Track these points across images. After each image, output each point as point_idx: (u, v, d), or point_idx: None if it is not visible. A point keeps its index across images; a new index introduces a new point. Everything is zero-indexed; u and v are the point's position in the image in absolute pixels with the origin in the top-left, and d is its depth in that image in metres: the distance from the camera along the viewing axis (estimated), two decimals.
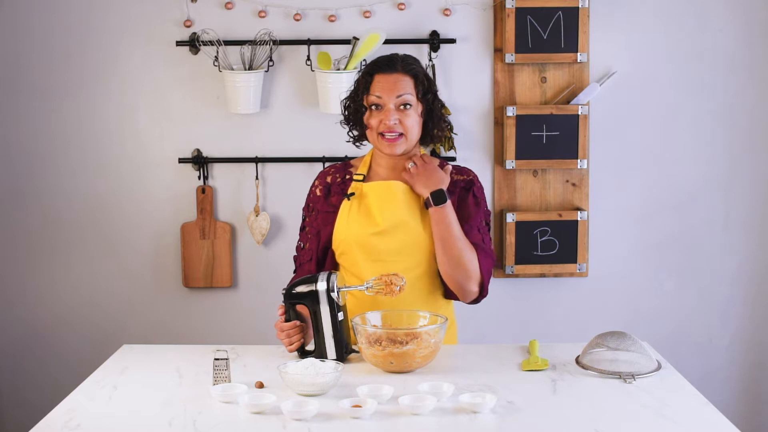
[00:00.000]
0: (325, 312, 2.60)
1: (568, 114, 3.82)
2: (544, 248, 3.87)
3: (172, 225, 3.91)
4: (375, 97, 2.74)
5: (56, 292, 3.94)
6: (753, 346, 4.03)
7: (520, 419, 2.23)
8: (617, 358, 2.56)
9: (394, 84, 2.73)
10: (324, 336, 2.61)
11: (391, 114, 2.72)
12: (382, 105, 2.74)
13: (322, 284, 2.60)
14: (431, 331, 2.53)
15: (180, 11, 3.83)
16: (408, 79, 2.75)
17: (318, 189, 2.88)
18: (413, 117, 2.75)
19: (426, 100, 2.77)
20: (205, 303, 3.94)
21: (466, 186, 2.83)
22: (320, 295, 2.60)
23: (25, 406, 3.96)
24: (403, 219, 2.76)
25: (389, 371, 2.55)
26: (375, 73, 2.76)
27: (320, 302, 2.60)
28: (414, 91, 2.74)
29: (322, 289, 2.59)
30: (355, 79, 2.85)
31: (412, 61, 2.80)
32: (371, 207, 2.78)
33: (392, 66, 2.76)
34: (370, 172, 2.86)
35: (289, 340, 2.66)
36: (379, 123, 2.74)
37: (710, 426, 2.21)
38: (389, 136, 2.74)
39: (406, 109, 2.74)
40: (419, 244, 2.76)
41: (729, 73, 3.90)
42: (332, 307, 2.60)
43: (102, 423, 2.24)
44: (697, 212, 3.96)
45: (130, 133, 3.88)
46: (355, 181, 2.82)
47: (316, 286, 2.60)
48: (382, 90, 2.73)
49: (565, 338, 3.86)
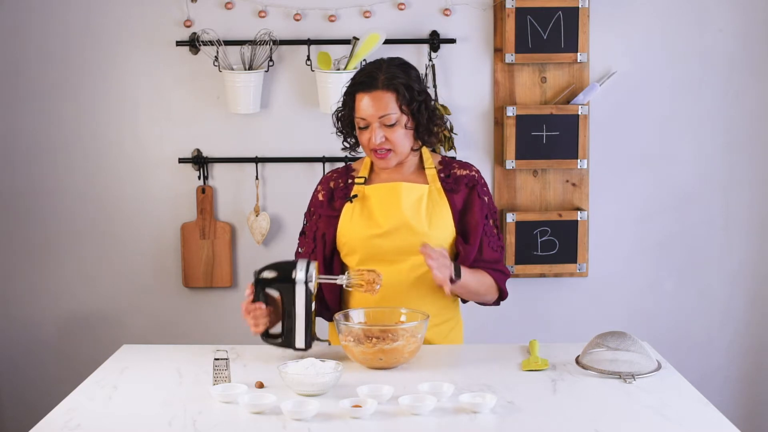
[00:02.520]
0: (300, 301, 2.61)
1: (568, 114, 3.82)
2: (544, 248, 3.87)
3: (172, 225, 3.91)
4: (360, 119, 2.76)
5: (56, 292, 3.94)
6: (753, 346, 4.03)
7: (520, 419, 2.23)
8: (617, 358, 2.55)
9: (376, 103, 2.72)
10: (295, 324, 2.62)
11: (377, 133, 2.73)
12: (367, 125, 2.75)
13: (300, 273, 2.61)
14: (418, 327, 2.57)
15: (180, 11, 3.83)
16: (389, 95, 2.73)
17: (320, 194, 2.89)
18: (399, 131, 2.75)
19: (411, 110, 2.76)
20: (205, 303, 3.94)
21: (469, 183, 2.85)
22: (297, 284, 2.61)
23: (25, 406, 3.96)
24: (406, 220, 2.77)
25: (376, 367, 2.57)
26: (356, 92, 2.76)
27: (296, 291, 2.61)
28: (397, 105, 2.73)
29: (300, 279, 2.60)
30: (342, 92, 2.85)
31: (394, 71, 2.75)
32: (373, 209, 2.79)
33: (372, 84, 2.73)
34: (372, 174, 2.87)
35: (255, 321, 2.66)
36: (368, 141, 2.76)
37: (710, 426, 2.21)
38: (379, 152, 2.76)
39: (392, 126, 2.74)
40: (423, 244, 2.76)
41: (729, 73, 3.90)
42: (307, 297, 2.61)
43: (102, 423, 2.24)
44: (697, 212, 3.96)
45: (130, 133, 3.88)
46: (356, 185, 2.84)
47: (294, 275, 2.61)
48: (365, 111, 2.74)
49: (565, 338, 3.86)
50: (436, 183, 2.83)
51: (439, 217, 2.79)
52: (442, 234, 2.79)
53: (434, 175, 2.84)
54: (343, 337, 2.59)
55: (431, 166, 2.85)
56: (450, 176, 2.85)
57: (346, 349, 2.59)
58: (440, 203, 2.80)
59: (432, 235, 2.77)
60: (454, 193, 2.82)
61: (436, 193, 2.81)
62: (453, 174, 2.85)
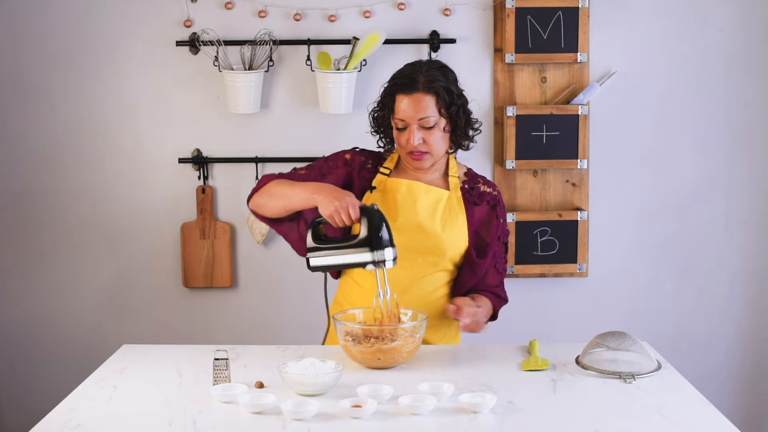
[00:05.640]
0: (355, 257, 2.59)
1: (568, 114, 3.82)
2: (544, 248, 3.87)
3: (172, 225, 3.91)
4: (399, 120, 2.76)
5: (56, 292, 3.94)
6: (753, 345, 4.03)
7: (520, 419, 2.23)
8: (617, 358, 2.55)
9: (416, 105, 2.73)
10: (334, 255, 2.60)
11: (415, 134, 2.74)
12: (406, 126, 2.76)
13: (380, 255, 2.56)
14: (417, 327, 2.57)
15: (180, 11, 3.83)
16: (429, 98, 2.74)
17: (348, 155, 2.87)
18: (437, 134, 2.76)
19: (450, 114, 2.77)
20: (205, 303, 3.94)
21: (491, 201, 2.87)
22: (376, 253, 2.57)
23: (25, 406, 3.96)
24: (419, 220, 2.77)
25: (375, 367, 2.57)
26: (397, 93, 2.77)
27: (367, 254, 2.57)
28: (436, 108, 2.74)
29: (377, 256, 2.56)
30: (380, 91, 2.85)
31: (434, 73, 2.76)
32: (389, 203, 2.80)
33: (413, 85, 2.74)
34: (398, 167, 2.88)
35: (340, 216, 2.57)
36: (405, 142, 2.77)
37: (710, 426, 2.21)
38: (415, 154, 2.77)
39: (430, 128, 2.75)
40: (434, 247, 2.77)
41: (729, 73, 3.90)
42: (360, 263, 2.58)
43: (102, 423, 2.24)
44: (697, 212, 3.96)
45: (130, 133, 3.88)
46: (381, 174, 2.84)
47: (383, 248, 2.56)
48: (405, 113, 2.74)
49: (565, 338, 3.86)
50: (457, 192, 2.84)
51: (454, 223, 2.80)
52: (455, 240, 2.79)
53: (457, 184, 2.85)
54: (341, 337, 2.59)
55: (455, 174, 2.86)
56: (474, 189, 2.86)
57: (344, 348, 2.59)
58: (457, 211, 2.81)
59: (444, 238, 2.77)
60: (475, 206, 2.84)
61: (455, 201, 2.82)
62: (477, 188, 2.87)
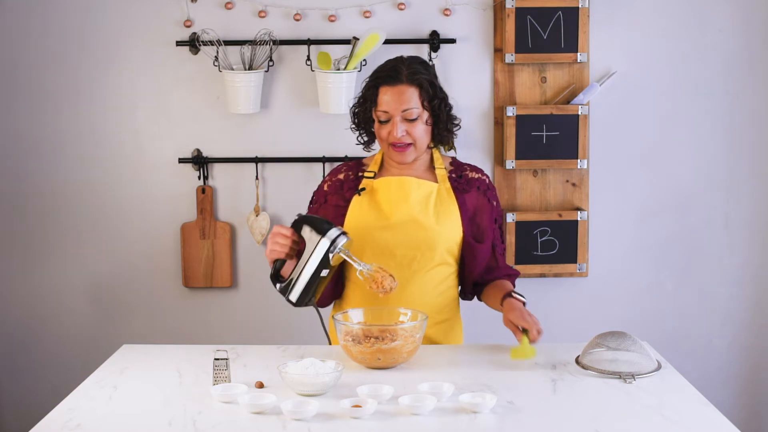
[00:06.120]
0: (317, 256, 2.62)
1: (568, 114, 3.82)
2: (544, 248, 3.87)
3: (172, 225, 3.91)
4: (382, 112, 2.77)
5: (56, 292, 3.94)
6: (753, 346, 4.03)
7: (520, 419, 2.23)
8: (617, 358, 2.55)
9: (399, 97, 2.75)
10: (301, 275, 2.64)
11: (398, 126, 2.75)
12: (389, 118, 2.76)
13: (334, 231, 2.61)
14: (417, 327, 2.57)
15: (180, 11, 3.83)
16: (413, 90, 2.75)
17: (326, 185, 2.91)
18: (420, 126, 2.78)
19: (432, 107, 2.79)
20: (205, 303, 3.94)
21: (481, 186, 2.88)
22: (324, 238, 2.61)
23: (24, 406, 3.96)
24: (413, 214, 2.78)
25: (375, 367, 2.57)
26: (380, 85, 2.78)
27: (319, 244, 2.61)
28: (419, 100, 2.76)
29: (330, 236, 2.61)
30: (362, 86, 2.86)
31: (417, 67, 2.79)
32: (381, 202, 2.81)
33: (397, 77, 2.76)
34: (382, 169, 2.89)
35: (273, 246, 2.66)
36: (388, 134, 2.77)
37: (710, 426, 2.21)
38: (399, 146, 2.78)
39: (413, 120, 2.76)
40: (430, 241, 2.77)
41: (729, 73, 3.90)
42: (325, 257, 2.61)
43: (102, 423, 2.24)
44: (697, 212, 3.96)
45: (130, 133, 3.88)
46: (366, 178, 2.85)
47: (327, 230, 2.61)
48: (388, 104, 2.75)
49: (565, 338, 3.85)
50: (446, 183, 2.85)
51: (447, 215, 2.80)
52: (450, 232, 2.80)
53: (444, 175, 2.86)
54: (341, 337, 2.59)
55: (441, 166, 2.88)
56: (462, 177, 2.87)
57: (344, 348, 2.59)
58: (449, 202, 2.82)
59: (439, 230, 2.78)
60: (465, 194, 2.84)
61: (445, 193, 2.83)
62: (465, 176, 2.88)
